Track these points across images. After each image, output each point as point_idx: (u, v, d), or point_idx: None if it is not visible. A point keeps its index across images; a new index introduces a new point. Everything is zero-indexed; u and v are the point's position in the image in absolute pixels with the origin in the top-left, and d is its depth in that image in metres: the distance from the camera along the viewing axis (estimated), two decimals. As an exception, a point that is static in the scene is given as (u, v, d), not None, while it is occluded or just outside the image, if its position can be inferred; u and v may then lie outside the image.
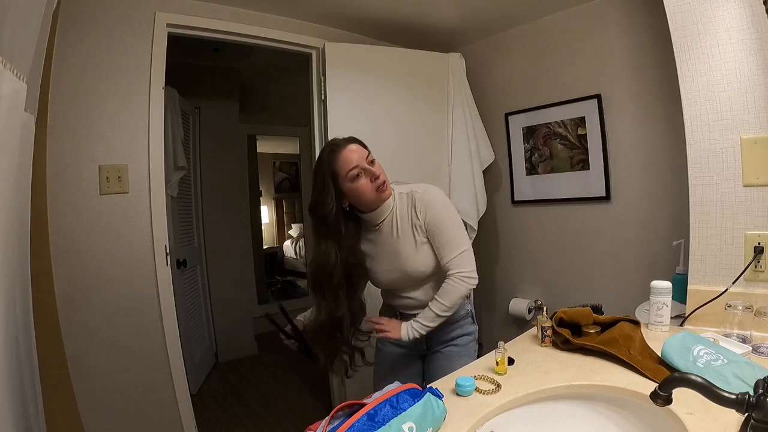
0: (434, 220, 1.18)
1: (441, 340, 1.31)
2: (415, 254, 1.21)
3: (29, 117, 0.98)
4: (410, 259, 1.21)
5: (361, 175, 1.13)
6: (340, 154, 1.14)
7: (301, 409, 2.62)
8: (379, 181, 1.15)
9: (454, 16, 2.24)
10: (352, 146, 1.15)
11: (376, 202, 1.19)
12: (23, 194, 1.01)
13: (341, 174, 1.13)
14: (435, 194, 1.22)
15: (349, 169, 1.12)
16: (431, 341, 1.32)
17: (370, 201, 1.17)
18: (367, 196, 1.15)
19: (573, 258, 2.22)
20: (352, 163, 1.12)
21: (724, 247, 1.20)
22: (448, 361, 1.28)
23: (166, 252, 1.87)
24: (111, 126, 1.75)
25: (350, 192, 1.15)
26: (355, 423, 0.67)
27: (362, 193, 1.14)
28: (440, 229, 1.19)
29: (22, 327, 0.95)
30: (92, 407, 1.67)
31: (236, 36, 2.06)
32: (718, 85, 1.18)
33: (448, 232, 1.19)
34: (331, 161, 1.14)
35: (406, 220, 1.21)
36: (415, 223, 1.20)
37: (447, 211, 1.20)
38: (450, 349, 1.31)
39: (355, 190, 1.14)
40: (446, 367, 1.26)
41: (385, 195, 1.19)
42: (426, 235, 1.21)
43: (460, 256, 1.18)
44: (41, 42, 0.98)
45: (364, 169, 1.14)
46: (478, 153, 2.36)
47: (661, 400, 0.62)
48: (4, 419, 0.78)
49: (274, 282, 5.52)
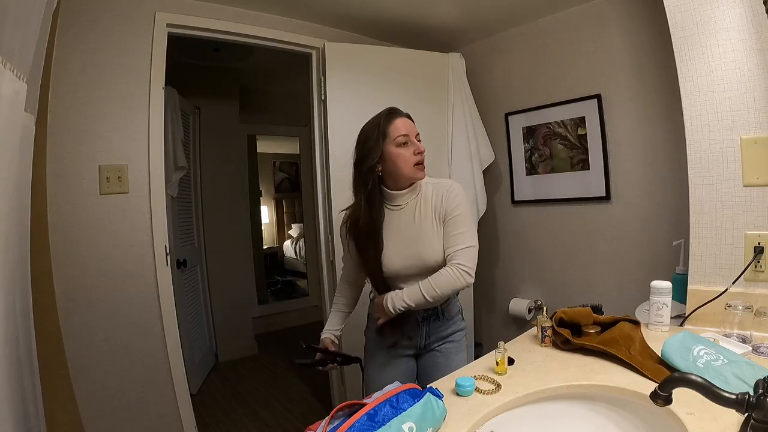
0: (456, 210, 1.21)
1: (439, 337, 1.31)
2: (436, 243, 1.22)
3: (29, 117, 0.98)
4: (429, 245, 1.21)
5: (408, 144, 1.19)
6: (396, 119, 1.20)
7: (301, 409, 2.62)
8: (421, 157, 1.20)
9: (454, 16, 2.25)
10: (407, 119, 1.23)
11: (409, 178, 1.21)
12: (23, 194, 1.01)
13: (391, 136, 1.18)
14: (461, 189, 1.26)
15: (399, 134, 1.18)
16: (429, 339, 1.31)
17: (405, 173, 1.20)
18: (405, 167, 1.19)
19: (573, 258, 2.22)
20: (403, 130, 1.19)
21: (724, 247, 1.20)
22: (446, 358, 1.29)
23: (166, 252, 1.87)
24: (111, 126, 1.75)
25: (391, 156, 1.18)
26: (355, 423, 0.67)
27: (402, 162, 1.18)
28: (458, 219, 1.21)
29: (22, 327, 0.95)
30: (92, 407, 1.67)
31: (236, 36, 2.06)
32: (718, 85, 1.18)
33: (464, 225, 1.21)
34: (386, 122, 1.19)
35: (430, 206, 1.23)
36: (438, 209, 1.22)
37: (468, 206, 1.24)
38: (446, 346, 1.31)
39: (397, 157, 1.18)
40: (444, 364, 1.28)
41: (420, 176, 1.22)
42: (442, 224, 1.22)
43: (467, 250, 1.19)
44: (41, 42, 0.98)
45: (412, 141, 1.19)
46: (478, 153, 2.36)
47: (661, 400, 0.62)
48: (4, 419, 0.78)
49: (274, 282, 5.52)
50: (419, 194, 1.25)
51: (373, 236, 1.22)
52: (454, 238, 1.20)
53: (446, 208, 1.21)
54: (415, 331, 1.30)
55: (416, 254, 1.22)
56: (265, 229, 6.44)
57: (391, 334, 1.30)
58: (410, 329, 1.30)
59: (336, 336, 1.36)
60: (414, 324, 1.29)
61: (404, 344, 1.31)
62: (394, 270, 1.24)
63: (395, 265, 1.23)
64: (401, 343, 1.31)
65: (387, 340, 1.31)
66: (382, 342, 1.32)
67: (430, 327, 1.30)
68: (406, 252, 1.22)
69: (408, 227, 1.23)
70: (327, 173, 2.18)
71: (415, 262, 1.22)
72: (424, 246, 1.21)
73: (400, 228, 1.24)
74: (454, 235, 1.20)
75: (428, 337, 1.31)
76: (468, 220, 1.22)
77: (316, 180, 2.28)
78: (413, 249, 1.22)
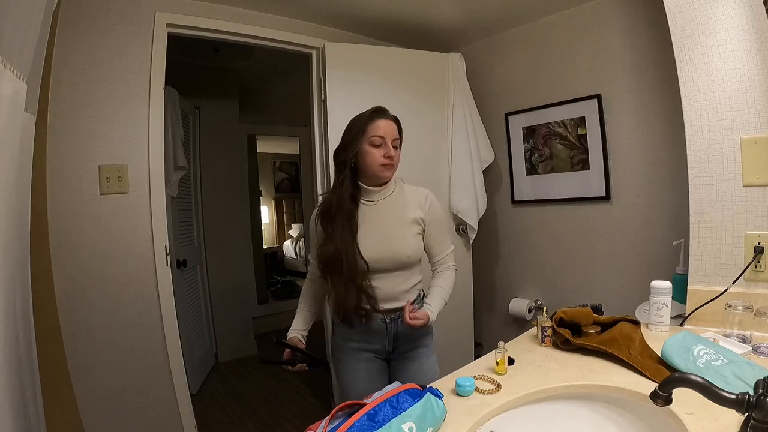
0: (439, 218, 1.34)
1: (407, 340, 1.31)
2: (408, 238, 1.28)
3: (29, 117, 0.98)
4: (401, 239, 1.27)
5: (380, 146, 1.24)
6: (379, 119, 1.25)
7: (301, 409, 2.62)
8: (389, 161, 1.24)
9: (454, 16, 2.24)
10: (390, 122, 1.27)
11: (374, 177, 1.26)
12: (23, 194, 1.01)
13: (368, 134, 1.24)
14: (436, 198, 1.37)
15: (375, 134, 1.23)
16: (398, 342, 1.31)
17: (371, 171, 1.25)
18: (372, 165, 1.24)
19: (573, 258, 2.22)
20: (381, 132, 1.24)
21: (724, 247, 1.20)
22: (419, 363, 1.32)
23: (166, 252, 1.87)
24: (111, 126, 1.75)
25: (363, 153, 1.24)
26: (355, 423, 0.67)
27: (370, 160, 1.24)
28: (442, 227, 1.35)
29: (22, 327, 0.95)
30: (92, 407, 1.67)
31: (236, 36, 2.06)
32: (718, 85, 1.18)
33: (446, 231, 1.37)
34: (369, 120, 1.25)
35: (407, 208, 1.30)
36: (416, 213, 1.30)
37: (445, 214, 1.38)
38: (419, 350, 1.33)
39: (366, 154, 1.24)
40: (417, 369, 1.31)
41: (385, 175, 1.27)
42: (423, 229, 1.31)
43: (452, 253, 1.38)
44: (41, 42, 0.98)
45: (386, 144, 1.24)
46: (478, 153, 2.36)
47: (661, 400, 0.62)
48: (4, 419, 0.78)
49: (274, 282, 5.52)
50: (393, 193, 1.31)
51: (348, 218, 1.24)
52: (441, 244, 1.35)
53: (429, 215, 1.31)
54: (383, 333, 1.30)
55: (388, 248, 1.26)
56: (265, 229, 6.45)
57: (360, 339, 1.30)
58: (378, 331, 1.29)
59: (303, 336, 1.35)
60: (381, 326, 1.29)
61: (373, 347, 1.31)
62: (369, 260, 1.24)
63: (370, 254, 1.25)
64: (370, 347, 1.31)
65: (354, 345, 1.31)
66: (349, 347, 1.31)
67: (398, 329, 1.29)
68: (379, 245, 1.25)
69: (381, 223, 1.28)
70: (327, 173, 2.18)
71: (388, 255, 1.26)
72: (396, 241, 1.27)
73: (373, 222, 1.27)
74: (441, 242, 1.35)
75: (396, 340, 1.31)
76: (446, 225, 1.38)
77: (316, 180, 2.28)
78: (386, 243, 1.26)
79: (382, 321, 1.28)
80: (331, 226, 1.25)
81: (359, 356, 1.32)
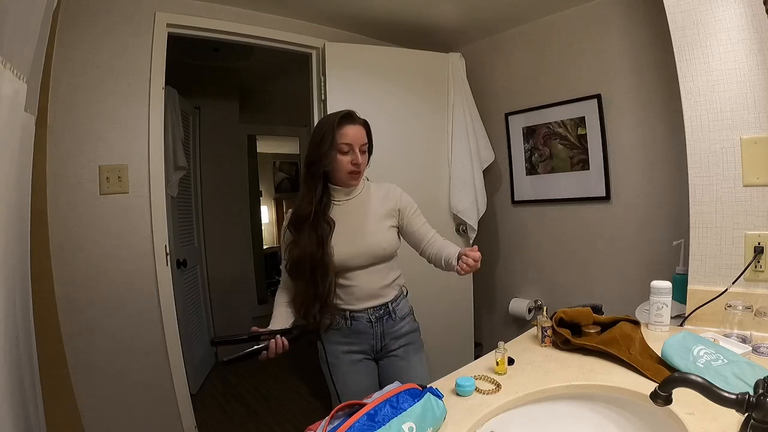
0: (411, 207, 1.36)
1: (395, 337, 1.32)
2: (382, 231, 1.30)
3: (29, 117, 0.98)
4: (374, 234, 1.29)
5: (348, 153, 1.25)
6: (347, 126, 1.25)
7: (301, 409, 2.62)
8: (356, 168, 1.26)
9: (454, 16, 2.25)
10: (358, 127, 1.27)
11: (341, 182, 1.29)
12: (23, 194, 1.01)
13: (336, 142, 1.24)
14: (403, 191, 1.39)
15: (342, 142, 1.23)
16: (385, 340, 1.31)
17: (340, 177, 1.27)
18: (341, 173, 1.26)
19: (573, 258, 2.22)
20: (348, 139, 1.24)
21: (724, 247, 1.20)
22: (406, 361, 1.33)
23: (166, 252, 1.87)
24: (111, 126, 1.75)
25: (331, 158, 1.25)
26: (355, 423, 0.67)
27: (339, 167, 1.25)
28: (417, 213, 1.36)
29: (22, 326, 0.95)
30: (92, 407, 1.67)
31: (236, 36, 2.06)
32: (718, 85, 1.18)
33: (422, 217, 1.37)
34: (337, 127, 1.24)
35: (377, 203, 1.33)
36: (390, 205, 1.33)
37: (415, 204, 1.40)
38: (405, 348, 1.34)
39: (334, 161, 1.25)
40: (405, 367, 1.32)
41: (352, 184, 1.30)
42: (398, 220, 1.34)
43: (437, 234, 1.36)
44: (41, 42, 0.98)
45: (353, 151, 1.25)
46: (478, 153, 2.36)
47: (661, 400, 0.62)
48: (4, 419, 0.78)
49: (274, 282, 5.51)
50: (361, 192, 1.34)
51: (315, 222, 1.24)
52: (423, 226, 1.36)
53: (401, 203, 1.34)
54: (369, 333, 1.30)
55: (364, 243, 1.27)
56: (265, 229, 6.44)
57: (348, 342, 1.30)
58: (364, 331, 1.29)
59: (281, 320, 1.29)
60: (367, 326, 1.29)
61: (361, 348, 1.31)
62: (341, 259, 1.25)
63: (342, 254, 1.25)
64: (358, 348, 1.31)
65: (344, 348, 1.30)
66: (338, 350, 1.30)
67: (384, 327, 1.30)
68: (355, 242, 1.27)
69: (354, 220, 1.29)
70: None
71: (364, 249, 1.27)
72: (371, 236, 1.28)
73: (344, 221, 1.28)
74: (423, 224, 1.36)
75: (384, 339, 1.31)
76: (421, 213, 1.38)
77: (316, 180, 2.28)
78: (361, 239, 1.27)
79: (367, 321, 1.28)
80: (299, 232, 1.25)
81: (348, 358, 1.31)
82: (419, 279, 1.67)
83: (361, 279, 1.27)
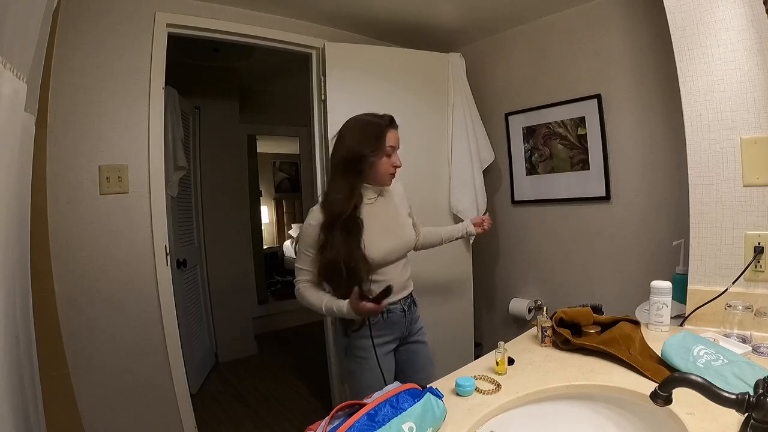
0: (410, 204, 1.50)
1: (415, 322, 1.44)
2: (410, 226, 1.43)
3: (29, 117, 0.98)
4: (406, 227, 1.41)
5: (391, 156, 1.33)
6: (393, 130, 1.34)
7: (301, 409, 2.62)
8: (396, 170, 1.36)
9: (454, 16, 2.25)
10: (397, 132, 1.36)
11: (379, 182, 1.35)
12: (23, 194, 1.01)
13: (385, 144, 1.31)
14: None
15: (390, 145, 1.32)
16: (411, 327, 1.41)
17: (379, 177, 1.33)
18: (382, 174, 1.33)
19: (573, 258, 2.22)
20: (393, 142, 1.33)
21: (724, 247, 1.20)
22: (423, 343, 1.46)
23: (166, 252, 1.87)
24: (111, 126, 1.75)
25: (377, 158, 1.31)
26: (355, 423, 0.67)
27: (382, 169, 1.32)
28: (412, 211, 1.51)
29: (22, 326, 0.95)
30: (92, 407, 1.67)
31: (236, 36, 2.06)
32: (718, 85, 1.18)
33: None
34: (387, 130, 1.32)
35: (401, 198, 1.45)
36: (407, 203, 1.48)
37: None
38: (421, 331, 1.46)
39: (379, 161, 1.31)
40: (423, 349, 1.45)
41: (388, 184, 1.39)
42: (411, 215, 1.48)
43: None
44: (41, 42, 0.98)
45: (395, 154, 1.34)
46: (478, 153, 2.36)
47: (661, 400, 0.62)
48: (4, 419, 0.78)
49: (274, 282, 5.51)
50: (384, 190, 1.41)
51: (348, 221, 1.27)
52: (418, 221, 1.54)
53: (409, 202, 1.50)
54: (402, 323, 1.38)
55: (401, 237, 1.37)
56: (265, 229, 6.44)
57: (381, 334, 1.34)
58: (398, 321, 1.37)
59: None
60: (401, 316, 1.37)
61: (392, 338, 1.37)
62: (381, 256, 1.30)
63: (382, 250, 1.30)
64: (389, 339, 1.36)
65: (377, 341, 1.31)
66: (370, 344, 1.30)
67: (411, 315, 1.41)
68: (393, 238, 1.35)
69: (388, 216, 1.38)
70: (327, 173, 2.18)
71: (402, 244, 1.37)
72: (405, 230, 1.40)
73: (377, 218, 1.34)
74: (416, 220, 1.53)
75: (410, 325, 1.41)
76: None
77: (316, 180, 2.28)
78: (398, 233, 1.37)
79: (401, 311, 1.37)
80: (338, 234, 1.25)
81: (382, 350, 1.35)
82: (420, 279, 1.67)
83: (393, 273, 1.34)
